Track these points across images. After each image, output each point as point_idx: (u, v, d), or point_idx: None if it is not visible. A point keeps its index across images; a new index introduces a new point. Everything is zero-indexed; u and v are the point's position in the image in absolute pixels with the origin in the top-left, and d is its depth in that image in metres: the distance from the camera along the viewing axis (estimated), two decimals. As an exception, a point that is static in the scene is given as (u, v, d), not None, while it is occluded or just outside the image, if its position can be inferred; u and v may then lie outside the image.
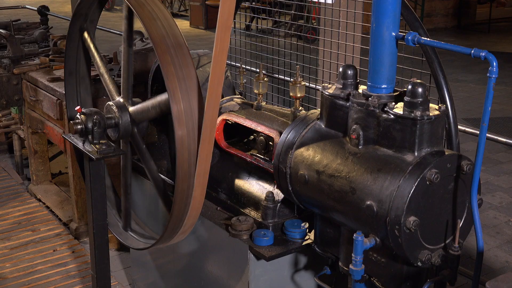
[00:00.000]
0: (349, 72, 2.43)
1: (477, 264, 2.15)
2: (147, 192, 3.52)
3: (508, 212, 5.40)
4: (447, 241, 2.25)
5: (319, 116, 2.55)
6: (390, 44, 2.25)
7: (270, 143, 2.93)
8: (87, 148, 2.97)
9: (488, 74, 1.97)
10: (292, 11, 12.35)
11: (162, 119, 3.23)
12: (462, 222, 2.26)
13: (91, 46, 3.29)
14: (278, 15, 10.24)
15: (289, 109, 2.98)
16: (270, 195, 2.75)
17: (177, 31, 2.67)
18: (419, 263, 2.17)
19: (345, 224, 2.37)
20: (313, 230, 2.66)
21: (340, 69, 2.46)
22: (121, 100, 3.00)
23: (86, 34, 3.31)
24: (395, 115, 2.17)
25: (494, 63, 1.96)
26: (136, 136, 3.01)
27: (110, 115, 2.97)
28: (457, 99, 8.42)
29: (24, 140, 5.49)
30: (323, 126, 2.50)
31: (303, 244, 2.71)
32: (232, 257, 2.84)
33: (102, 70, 3.19)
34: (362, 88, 2.42)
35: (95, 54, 3.27)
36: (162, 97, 2.79)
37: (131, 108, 2.97)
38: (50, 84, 4.55)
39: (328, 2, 4.84)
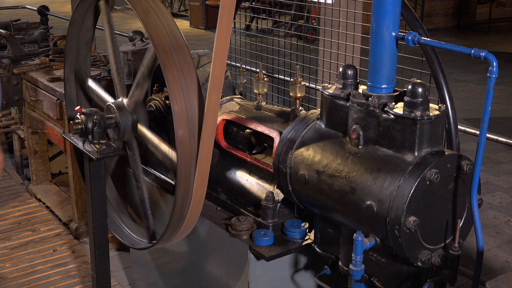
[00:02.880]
0: (349, 72, 2.43)
1: (477, 264, 2.15)
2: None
3: (508, 212, 5.39)
4: (447, 241, 2.25)
5: (319, 116, 2.55)
6: (390, 44, 2.25)
7: (270, 143, 2.93)
8: (87, 148, 2.97)
9: (488, 74, 1.97)
10: (292, 11, 12.35)
11: (162, 119, 3.23)
12: (462, 222, 2.26)
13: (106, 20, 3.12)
14: (278, 15, 10.24)
15: (289, 109, 2.98)
16: (270, 195, 2.75)
17: (177, 31, 2.67)
18: (419, 263, 2.17)
19: (345, 224, 2.37)
20: (313, 230, 2.66)
21: (340, 69, 2.46)
22: (121, 99, 3.01)
23: (102, 3, 3.14)
24: (395, 115, 2.17)
25: (494, 63, 1.96)
26: (133, 144, 3.02)
27: (110, 115, 2.97)
28: (457, 99, 8.42)
29: (24, 140, 5.49)
30: (323, 126, 2.50)
31: (303, 244, 2.71)
32: (232, 257, 2.84)
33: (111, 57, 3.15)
34: (362, 88, 2.42)
35: (108, 33, 3.13)
36: (144, 61, 2.82)
37: (125, 101, 2.97)
38: (50, 84, 4.55)
39: (328, 2, 4.84)
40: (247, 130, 3.07)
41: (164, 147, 2.86)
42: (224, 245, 2.88)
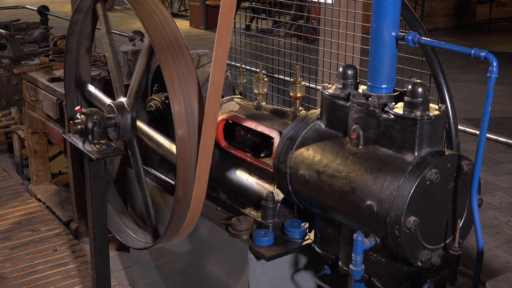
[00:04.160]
0: (349, 72, 2.43)
1: (477, 264, 2.15)
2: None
3: (508, 212, 5.40)
4: (447, 241, 2.25)
5: (319, 116, 2.55)
6: (390, 44, 2.25)
7: (270, 142, 2.93)
8: (87, 148, 2.97)
9: (488, 74, 1.97)
10: (292, 11, 12.35)
11: (162, 119, 3.23)
12: (462, 222, 2.26)
13: (103, 19, 3.17)
14: (278, 15, 10.24)
15: (289, 109, 2.98)
16: (270, 195, 2.75)
17: (177, 31, 2.67)
18: (419, 263, 2.17)
19: (345, 224, 2.37)
20: (313, 230, 2.66)
21: (340, 69, 2.46)
22: (122, 100, 3.01)
23: (99, 6, 3.19)
24: (395, 115, 2.17)
25: (494, 63, 1.96)
26: (133, 143, 3.03)
27: (110, 115, 2.98)
28: (457, 99, 8.42)
29: (24, 140, 5.49)
30: (323, 126, 2.50)
31: (303, 244, 2.71)
32: (232, 257, 2.84)
33: (109, 52, 3.16)
34: (362, 88, 2.42)
35: (106, 32, 3.18)
36: (138, 61, 2.84)
37: (125, 100, 2.98)
38: (50, 84, 4.55)
39: (328, 2, 4.84)
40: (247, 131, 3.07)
41: (165, 142, 2.86)
42: (224, 245, 2.88)
